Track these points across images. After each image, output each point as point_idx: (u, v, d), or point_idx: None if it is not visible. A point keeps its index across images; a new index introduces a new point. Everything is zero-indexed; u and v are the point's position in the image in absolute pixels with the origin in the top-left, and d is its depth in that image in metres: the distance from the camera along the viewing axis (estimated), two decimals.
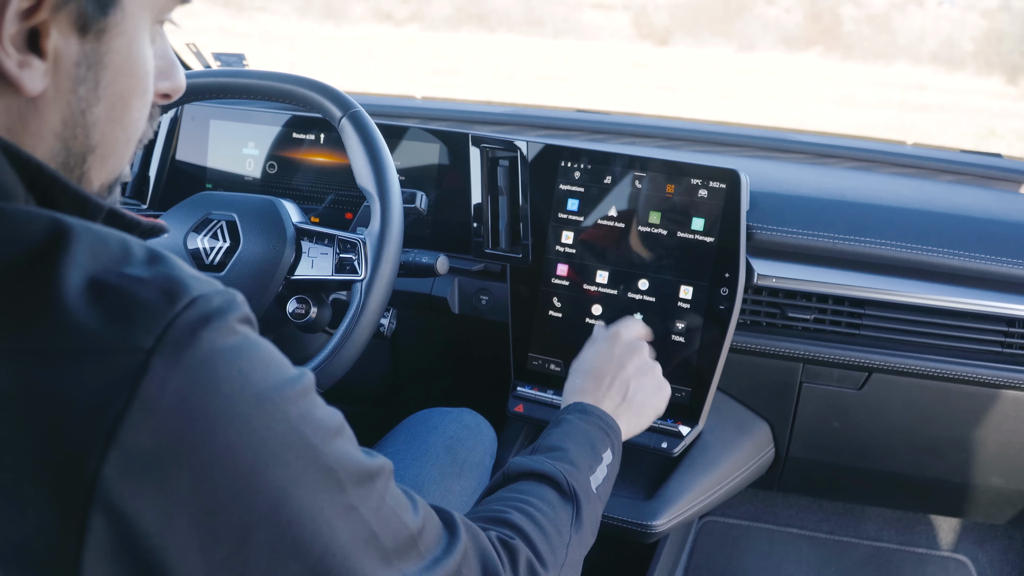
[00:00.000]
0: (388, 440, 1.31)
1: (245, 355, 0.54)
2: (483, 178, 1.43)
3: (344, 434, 0.61)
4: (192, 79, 1.28)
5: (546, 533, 0.84)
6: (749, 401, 1.49)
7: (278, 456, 0.54)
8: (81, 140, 0.60)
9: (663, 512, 1.30)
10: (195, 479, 0.51)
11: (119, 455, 0.49)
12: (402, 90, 7.37)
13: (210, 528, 0.52)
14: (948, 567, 1.86)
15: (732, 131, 1.80)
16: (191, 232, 1.21)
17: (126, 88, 0.61)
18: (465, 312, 1.51)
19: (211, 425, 0.51)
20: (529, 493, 0.89)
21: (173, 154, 1.59)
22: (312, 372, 0.61)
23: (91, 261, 0.52)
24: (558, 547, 0.84)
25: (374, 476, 0.62)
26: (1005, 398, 1.39)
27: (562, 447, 0.97)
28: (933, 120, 8.43)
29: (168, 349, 0.50)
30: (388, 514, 0.63)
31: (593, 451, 0.99)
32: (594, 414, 1.04)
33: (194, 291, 0.53)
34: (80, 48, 0.57)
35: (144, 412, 0.49)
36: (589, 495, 0.93)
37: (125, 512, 0.49)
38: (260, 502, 0.54)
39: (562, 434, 1.00)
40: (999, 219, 1.41)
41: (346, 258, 1.18)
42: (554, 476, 0.91)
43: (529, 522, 0.83)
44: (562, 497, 0.90)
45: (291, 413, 0.56)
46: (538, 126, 1.84)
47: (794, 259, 1.37)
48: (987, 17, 11.32)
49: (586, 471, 0.95)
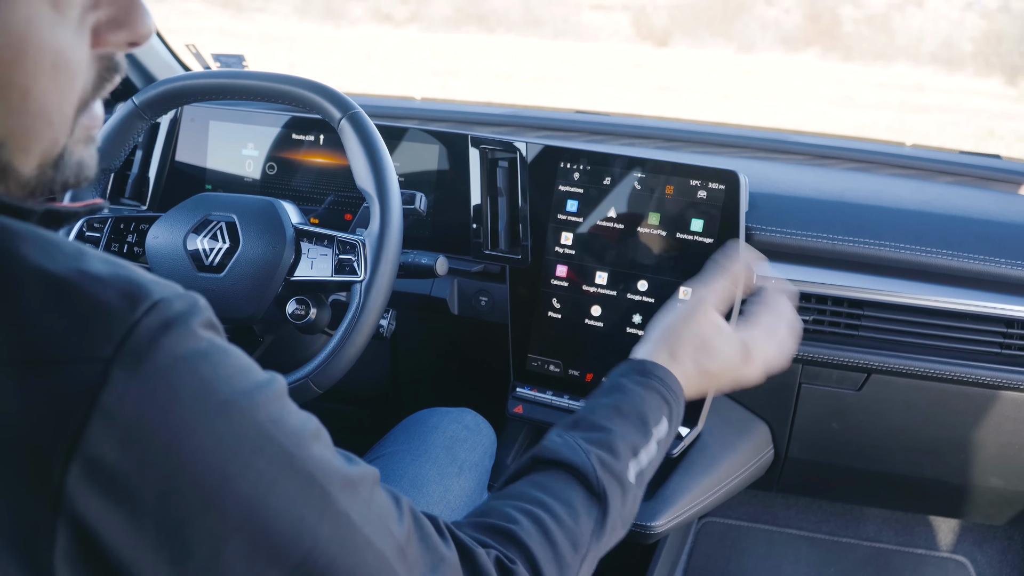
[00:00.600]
0: (388, 440, 1.31)
1: (208, 361, 0.52)
2: (482, 179, 1.43)
3: (321, 439, 0.59)
4: (191, 80, 1.28)
5: (558, 553, 0.76)
6: (748, 402, 1.49)
7: (249, 464, 0.53)
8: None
9: (662, 513, 1.30)
10: (161, 490, 0.50)
11: (81, 467, 0.48)
12: (401, 91, 7.37)
13: (180, 539, 0.51)
14: (947, 568, 1.86)
15: (731, 132, 1.80)
16: (191, 233, 1.21)
17: (14, 75, 0.53)
18: (464, 313, 1.51)
19: (174, 435, 0.50)
20: (552, 493, 0.81)
21: (172, 155, 1.59)
22: (283, 377, 0.59)
23: (45, 258, 0.50)
24: (570, 568, 0.77)
25: (356, 482, 0.60)
26: (1004, 399, 1.39)
27: (607, 427, 0.87)
28: (932, 121, 8.43)
29: (128, 358, 0.49)
30: (376, 521, 0.61)
31: (643, 427, 0.88)
32: (654, 376, 0.93)
33: (155, 295, 0.51)
34: None
35: (105, 424, 0.48)
36: (625, 486, 0.85)
37: (90, 524, 0.49)
38: (232, 511, 0.52)
39: (612, 407, 0.89)
40: (998, 220, 1.41)
41: (345, 259, 1.18)
42: (584, 471, 0.82)
43: (541, 538, 0.76)
44: (589, 498, 0.82)
45: (260, 418, 0.54)
46: (537, 127, 1.85)
47: (793, 260, 1.38)
48: (986, 18, 11.33)
49: (626, 457, 0.86)
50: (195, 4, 11.59)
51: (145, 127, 1.32)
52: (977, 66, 10.67)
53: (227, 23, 11.30)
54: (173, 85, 1.28)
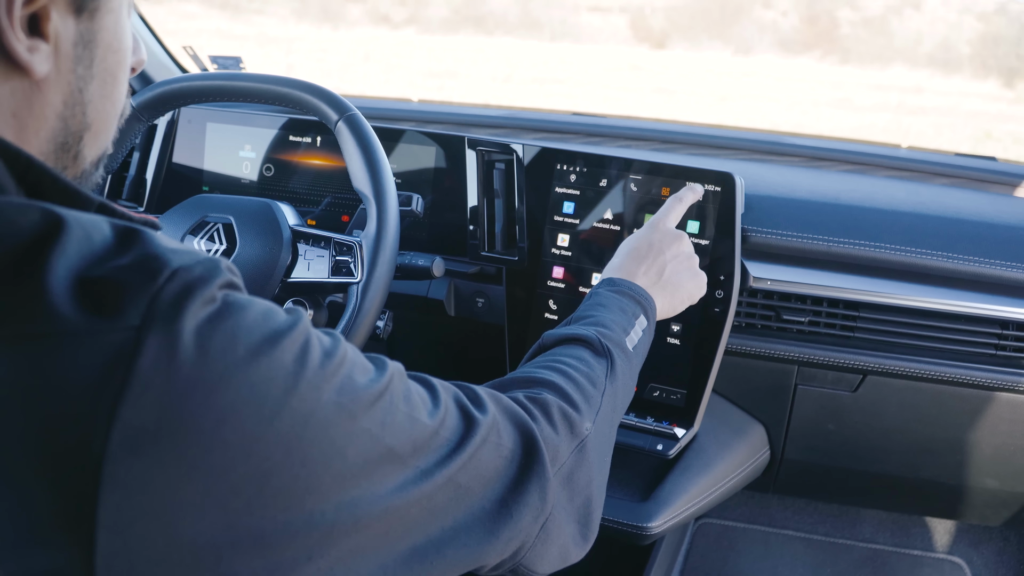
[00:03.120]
0: None
1: (231, 317, 0.54)
2: (479, 181, 1.43)
3: (347, 360, 0.61)
4: (189, 82, 1.28)
5: (578, 384, 0.87)
6: (744, 403, 1.49)
7: (281, 404, 0.55)
8: (79, 118, 0.63)
9: (659, 514, 1.30)
10: (203, 445, 0.52)
11: (123, 433, 0.49)
12: (399, 93, 7.37)
13: (226, 483, 0.53)
14: (943, 569, 1.86)
15: (728, 134, 1.80)
16: (188, 235, 1.22)
17: (114, 63, 0.64)
18: (461, 314, 1.51)
19: (209, 390, 0.52)
20: (562, 354, 0.92)
21: (170, 157, 1.59)
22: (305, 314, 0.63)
23: (78, 258, 0.52)
24: (592, 396, 0.87)
25: (383, 391, 0.63)
26: (999, 400, 1.39)
27: (592, 315, 1.00)
28: (930, 123, 8.44)
29: (156, 324, 0.51)
30: (403, 421, 0.64)
31: (625, 315, 1.02)
32: (624, 286, 1.07)
33: (173, 263, 0.53)
34: (76, 28, 0.60)
35: (141, 388, 0.50)
36: (624, 351, 0.97)
37: (135, 487, 0.50)
38: (273, 450, 0.54)
39: (592, 304, 1.03)
40: (993, 222, 1.41)
41: (342, 260, 1.18)
42: (586, 337, 0.94)
43: (560, 376, 0.87)
44: (596, 354, 0.93)
45: (287, 360, 0.56)
46: (534, 129, 1.85)
47: (789, 262, 1.38)
48: (983, 20, 11.34)
49: (620, 332, 0.98)
50: (193, 6, 11.60)
51: (142, 129, 1.33)
52: (974, 68, 10.69)
53: (225, 25, 11.31)
54: (170, 87, 1.29)
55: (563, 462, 0.80)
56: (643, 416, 1.35)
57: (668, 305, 1.13)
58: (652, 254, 1.13)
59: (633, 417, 1.35)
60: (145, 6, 1.88)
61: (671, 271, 1.14)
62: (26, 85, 0.58)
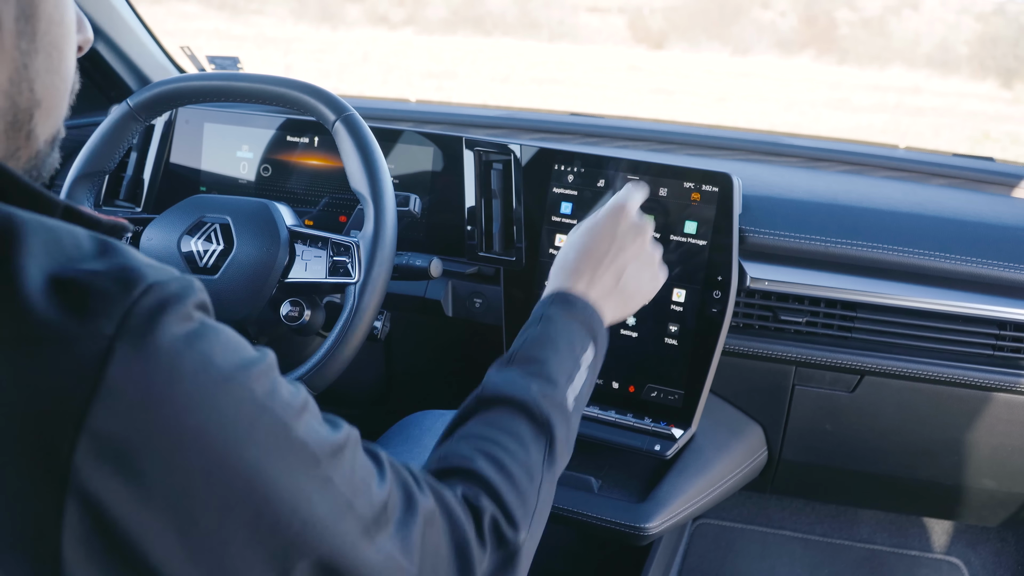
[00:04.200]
0: (382, 442, 1.32)
1: (205, 339, 0.54)
2: (477, 181, 1.43)
3: (309, 409, 0.61)
4: (186, 82, 1.28)
5: (515, 482, 0.80)
6: (742, 404, 1.49)
7: (249, 435, 0.55)
8: (27, 95, 0.61)
9: (656, 515, 1.30)
10: (168, 463, 0.51)
11: (90, 441, 0.49)
12: (397, 93, 7.37)
13: (186, 509, 0.52)
14: (941, 569, 1.86)
15: (726, 135, 1.80)
16: (185, 235, 1.22)
17: (59, 36, 0.63)
18: (459, 315, 1.51)
19: (178, 409, 0.52)
20: (500, 428, 0.84)
21: (167, 157, 1.59)
22: (274, 353, 0.61)
23: (46, 257, 0.52)
24: (528, 494, 0.81)
25: (342, 447, 0.62)
26: (997, 401, 1.40)
27: (540, 358, 0.90)
28: (928, 124, 8.44)
29: (130, 335, 0.51)
30: (359, 484, 0.63)
31: (572, 356, 0.92)
32: (578, 307, 0.96)
33: (149, 278, 0.53)
34: (16, 2, 0.59)
35: (111, 398, 0.50)
36: (565, 415, 0.88)
37: (100, 498, 0.50)
38: (235, 481, 0.54)
39: (543, 338, 0.93)
40: (991, 223, 1.41)
41: (340, 261, 1.18)
42: (527, 404, 0.85)
43: (497, 471, 0.80)
44: (536, 429, 0.85)
45: (257, 392, 0.56)
46: (532, 129, 1.85)
47: (787, 262, 1.38)
48: (982, 21, 11.35)
49: (564, 385, 0.90)
50: (191, 6, 11.59)
51: (139, 129, 1.33)
52: (972, 69, 10.69)
53: (223, 25, 11.30)
54: (168, 87, 1.28)
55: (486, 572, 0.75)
56: (640, 417, 1.35)
57: (618, 314, 1.03)
58: (612, 251, 1.02)
59: (631, 418, 1.35)
60: (143, 6, 1.88)
61: (630, 273, 1.03)
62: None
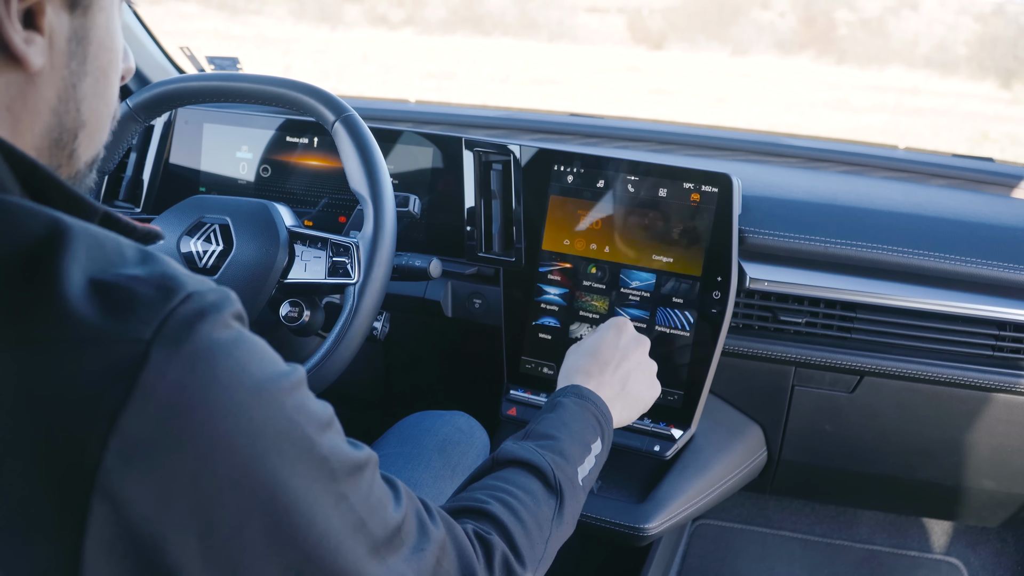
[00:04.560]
0: (381, 443, 1.31)
1: (240, 348, 0.55)
2: (476, 182, 1.43)
3: (334, 426, 0.62)
4: (186, 83, 1.28)
5: (526, 527, 0.84)
6: (741, 404, 1.49)
7: (275, 445, 0.55)
8: (73, 115, 0.63)
9: (656, 515, 1.30)
10: (195, 467, 0.52)
11: (120, 443, 0.50)
12: (397, 94, 7.37)
13: (209, 515, 0.53)
14: (940, 570, 1.86)
15: (725, 135, 1.80)
16: (184, 236, 1.21)
17: (107, 62, 0.65)
18: (458, 315, 1.51)
19: (210, 414, 0.52)
20: (514, 483, 0.89)
21: (167, 158, 1.59)
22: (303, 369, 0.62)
23: (88, 262, 0.53)
24: (537, 542, 0.85)
25: (362, 467, 0.64)
26: (996, 401, 1.40)
27: (554, 435, 0.97)
28: (927, 124, 8.45)
29: (166, 340, 0.51)
30: (375, 504, 0.64)
31: (583, 441, 0.99)
32: (590, 400, 1.04)
33: (189, 287, 0.54)
34: (71, 24, 0.61)
35: (144, 401, 0.50)
36: (575, 488, 0.94)
37: (126, 499, 0.50)
38: (258, 490, 0.55)
39: (556, 421, 1.00)
40: (990, 223, 1.41)
41: (339, 261, 1.18)
42: (542, 467, 0.91)
43: (510, 515, 0.83)
44: (547, 490, 0.90)
45: (287, 404, 0.57)
46: (532, 130, 1.85)
47: (786, 263, 1.38)
48: (981, 21, 11.35)
49: (575, 462, 0.96)
50: (190, 7, 11.59)
51: (139, 129, 1.33)
52: (972, 69, 10.69)
53: (222, 26, 11.29)
54: (167, 88, 1.28)
55: None
56: (640, 417, 1.35)
57: (624, 417, 1.13)
58: (617, 358, 1.13)
59: None
60: (142, 6, 1.88)
61: (633, 380, 1.13)
62: (20, 78, 0.59)
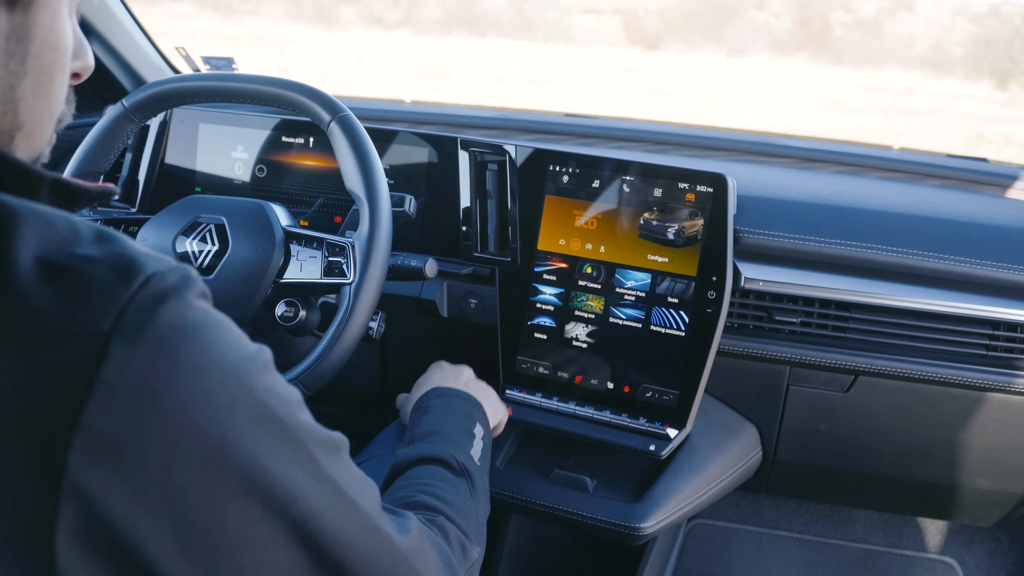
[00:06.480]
0: (377, 442, 1.32)
1: (205, 331, 0.53)
2: (472, 182, 1.43)
3: (304, 407, 0.61)
4: (181, 83, 1.28)
5: (456, 507, 0.87)
6: (737, 404, 1.50)
7: (246, 430, 0.54)
8: (10, 117, 0.59)
9: (651, 515, 1.30)
10: (164, 459, 0.51)
11: (85, 440, 0.49)
12: (393, 94, 7.37)
13: (181, 506, 0.52)
14: (935, 569, 1.87)
15: (720, 136, 1.80)
16: (180, 235, 1.21)
17: (49, 62, 0.61)
18: (454, 315, 1.51)
19: (176, 404, 0.51)
20: (425, 476, 0.92)
21: (162, 158, 1.59)
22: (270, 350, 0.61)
23: (39, 242, 0.51)
24: (469, 517, 0.88)
25: (339, 447, 0.63)
26: (991, 401, 1.40)
27: (437, 431, 1.02)
28: (922, 125, 8.47)
29: (126, 330, 0.50)
30: (361, 482, 0.64)
31: (464, 428, 1.06)
32: (454, 394, 1.12)
33: (148, 269, 0.52)
34: (8, 22, 0.57)
35: (107, 396, 0.49)
36: (476, 467, 0.99)
37: (94, 496, 0.49)
38: (231, 477, 0.53)
39: (432, 420, 1.06)
40: (985, 223, 1.42)
41: (335, 261, 1.18)
42: (441, 456, 0.96)
43: (439, 500, 0.87)
44: (454, 473, 0.94)
45: (255, 387, 0.56)
46: (527, 130, 1.85)
47: (781, 263, 1.38)
48: (976, 22, 11.38)
49: (465, 447, 1.01)
50: (186, 7, 11.58)
51: (134, 129, 1.32)
52: (967, 70, 10.72)
53: (218, 26, 11.29)
54: (162, 88, 1.28)
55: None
56: (635, 417, 1.35)
57: (491, 408, 1.22)
58: (453, 372, 1.26)
59: (626, 418, 1.35)
60: (138, 7, 1.88)
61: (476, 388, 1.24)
62: None
